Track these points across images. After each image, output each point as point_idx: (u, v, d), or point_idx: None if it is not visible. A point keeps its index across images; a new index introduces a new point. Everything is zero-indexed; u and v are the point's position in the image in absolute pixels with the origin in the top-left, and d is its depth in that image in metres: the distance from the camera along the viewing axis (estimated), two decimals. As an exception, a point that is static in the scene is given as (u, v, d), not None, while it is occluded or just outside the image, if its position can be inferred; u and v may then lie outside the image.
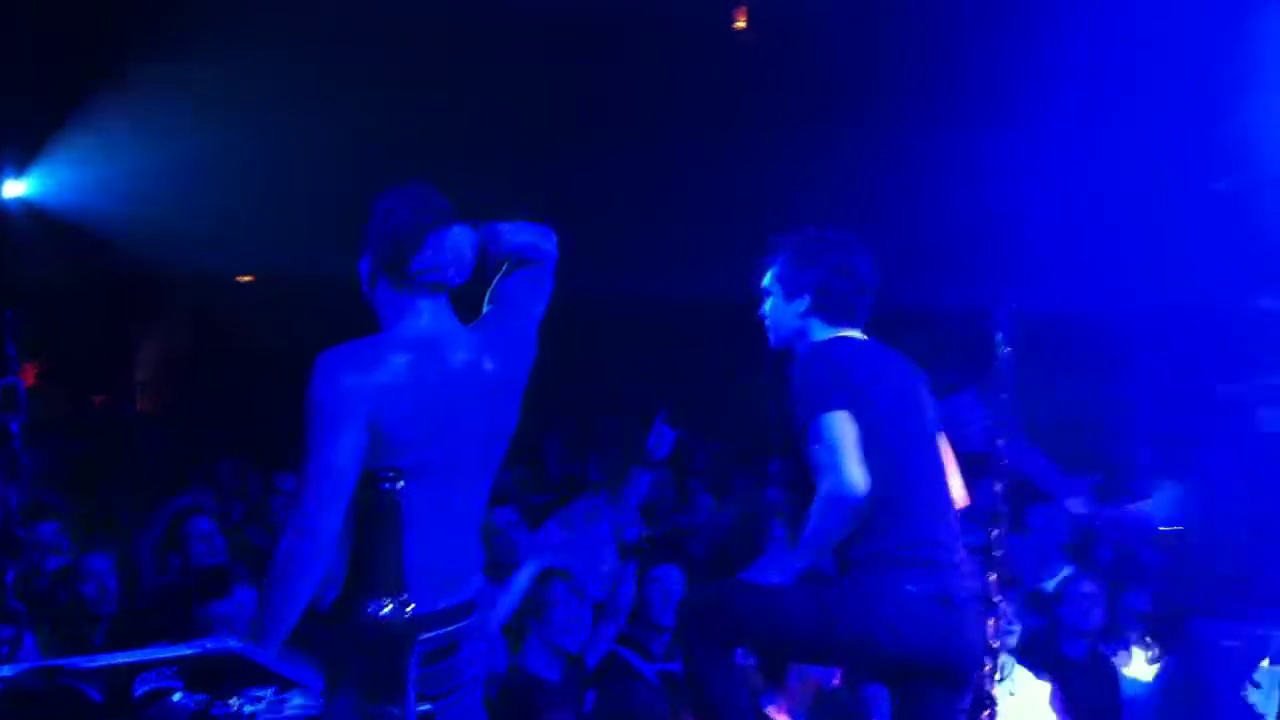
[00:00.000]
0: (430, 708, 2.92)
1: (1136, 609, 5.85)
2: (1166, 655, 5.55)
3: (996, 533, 4.69)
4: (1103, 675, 5.64)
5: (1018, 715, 5.11)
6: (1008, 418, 4.74)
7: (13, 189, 9.36)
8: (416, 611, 2.77)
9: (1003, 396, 4.72)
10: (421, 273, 3.09)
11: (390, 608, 2.67)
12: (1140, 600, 5.87)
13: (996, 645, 4.62)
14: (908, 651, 3.62)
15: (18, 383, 4.14)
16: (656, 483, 6.82)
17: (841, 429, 3.57)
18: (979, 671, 3.82)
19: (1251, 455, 4.99)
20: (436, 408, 3.01)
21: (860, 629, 3.61)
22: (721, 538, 6.93)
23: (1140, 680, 5.72)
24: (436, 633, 2.97)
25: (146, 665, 2.89)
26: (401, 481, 2.78)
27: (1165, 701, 5.28)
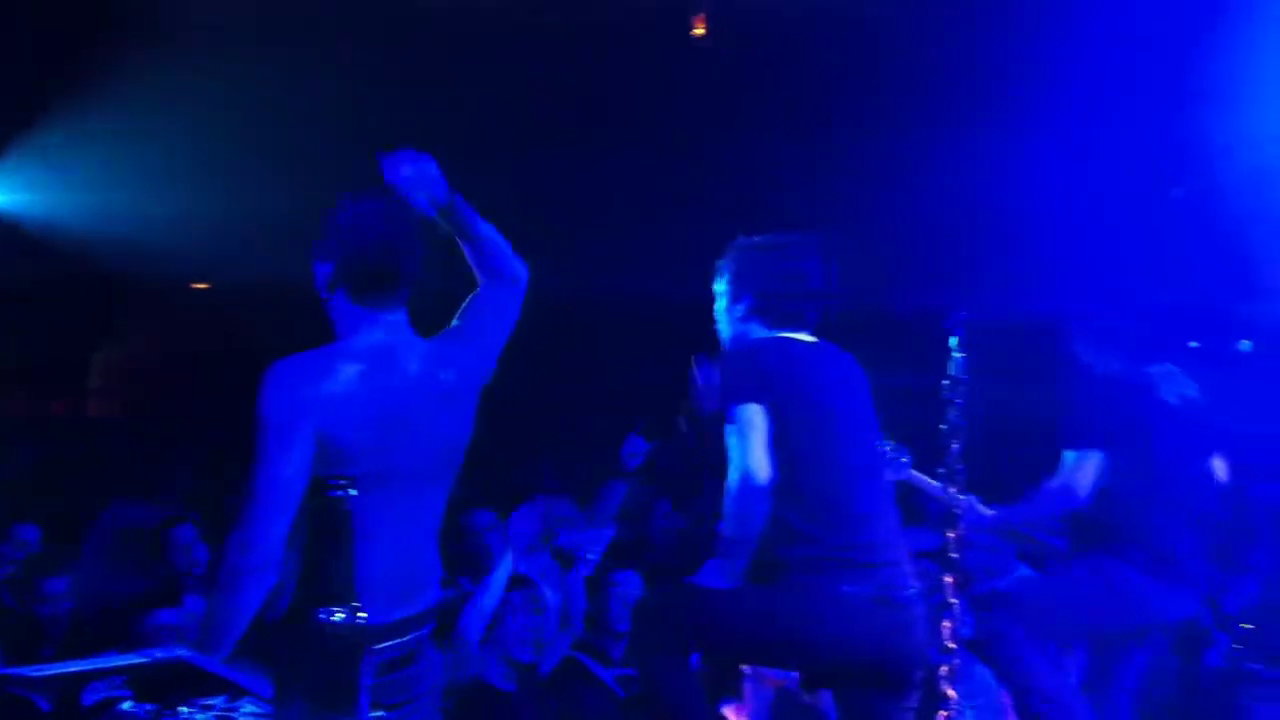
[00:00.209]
0: (385, 716, 2.92)
1: None
2: None
3: (952, 535, 4.72)
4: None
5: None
6: (963, 422, 4.77)
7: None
8: (373, 622, 2.76)
9: (958, 402, 4.75)
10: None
11: (341, 615, 2.66)
12: None
13: (953, 647, 4.64)
14: (847, 652, 3.64)
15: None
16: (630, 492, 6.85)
17: (748, 420, 3.61)
18: (923, 672, 3.83)
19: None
20: (389, 418, 3.00)
21: (800, 631, 3.64)
22: (676, 542, 6.95)
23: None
24: (393, 643, 2.97)
25: (95, 674, 2.87)
26: (353, 489, 2.77)
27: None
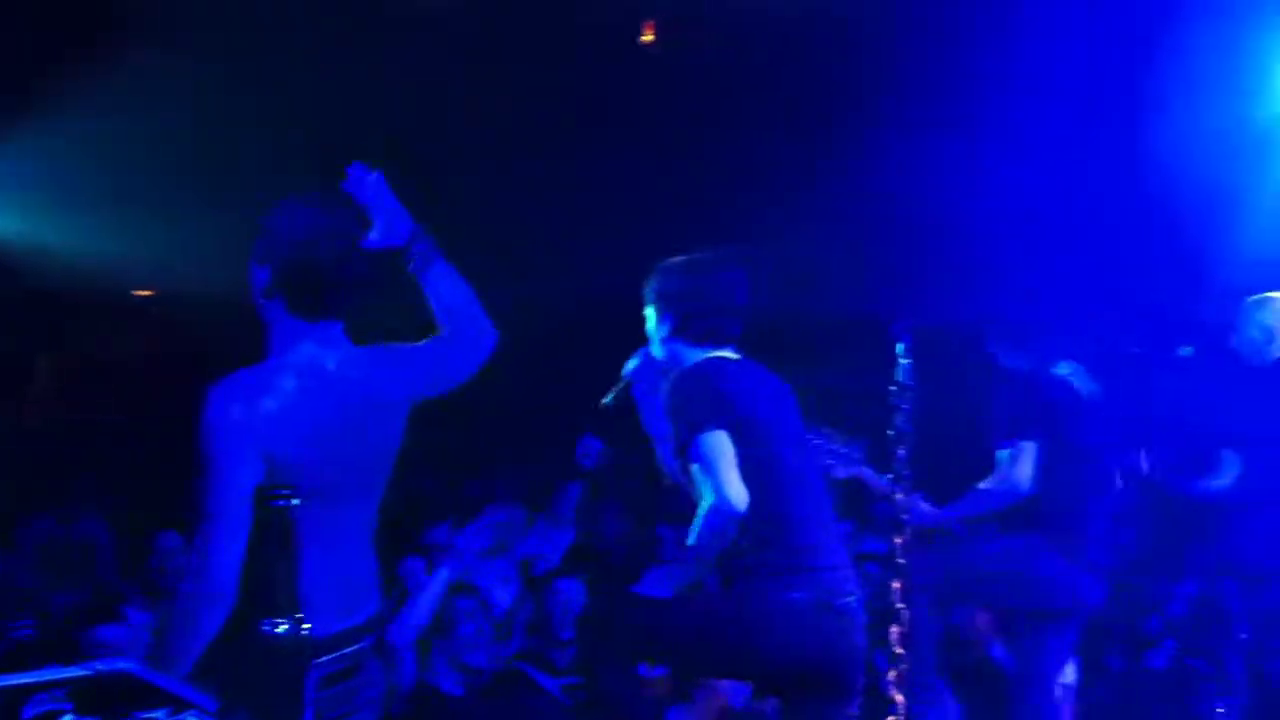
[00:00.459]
0: (327, 727, 2.90)
1: None
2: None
3: (900, 540, 4.77)
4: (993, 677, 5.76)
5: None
6: (909, 428, 4.82)
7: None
8: (315, 634, 2.74)
9: (904, 407, 4.80)
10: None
11: (285, 627, 2.64)
12: None
13: (901, 652, 4.68)
14: (791, 658, 3.68)
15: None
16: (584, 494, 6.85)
17: (719, 447, 3.66)
18: (864, 677, 3.87)
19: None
20: (326, 432, 2.98)
21: (744, 638, 3.67)
22: (625, 545, 6.97)
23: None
24: (334, 656, 2.94)
25: (36, 687, 2.83)
26: (295, 499, 2.75)
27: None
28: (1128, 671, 6.56)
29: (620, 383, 4.16)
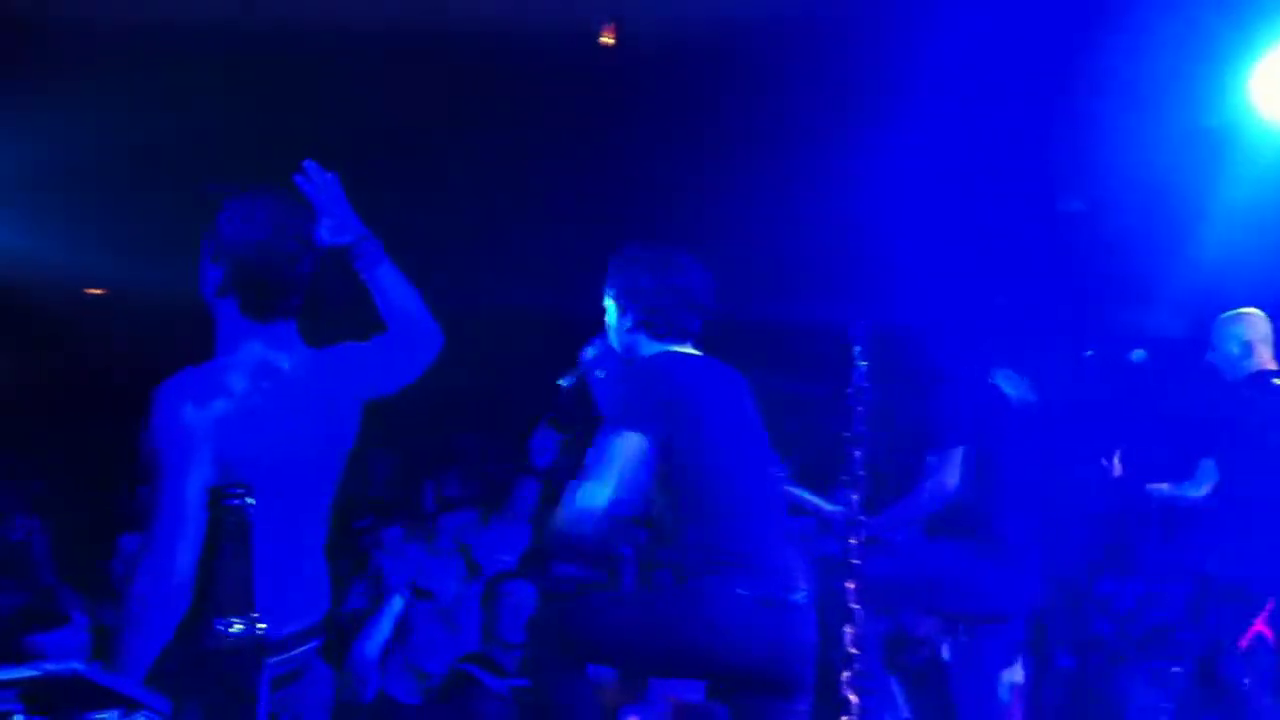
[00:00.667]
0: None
1: None
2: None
3: (854, 541, 4.78)
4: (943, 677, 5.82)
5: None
6: (864, 430, 4.84)
7: None
8: (267, 636, 2.72)
9: (859, 409, 4.82)
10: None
11: (240, 626, 2.62)
12: None
13: (855, 651, 4.70)
14: (740, 655, 3.69)
15: None
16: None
17: (626, 450, 3.65)
18: (814, 674, 3.88)
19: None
20: (280, 431, 2.97)
21: (691, 635, 3.67)
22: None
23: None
24: (281, 658, 2.92)
25: (-15, 688, 2.79)
26: (250, 498, 2.73)
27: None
28: (1078, 670, 6.63)
29: (577, 368, 4.17)
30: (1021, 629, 5.39)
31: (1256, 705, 5.51)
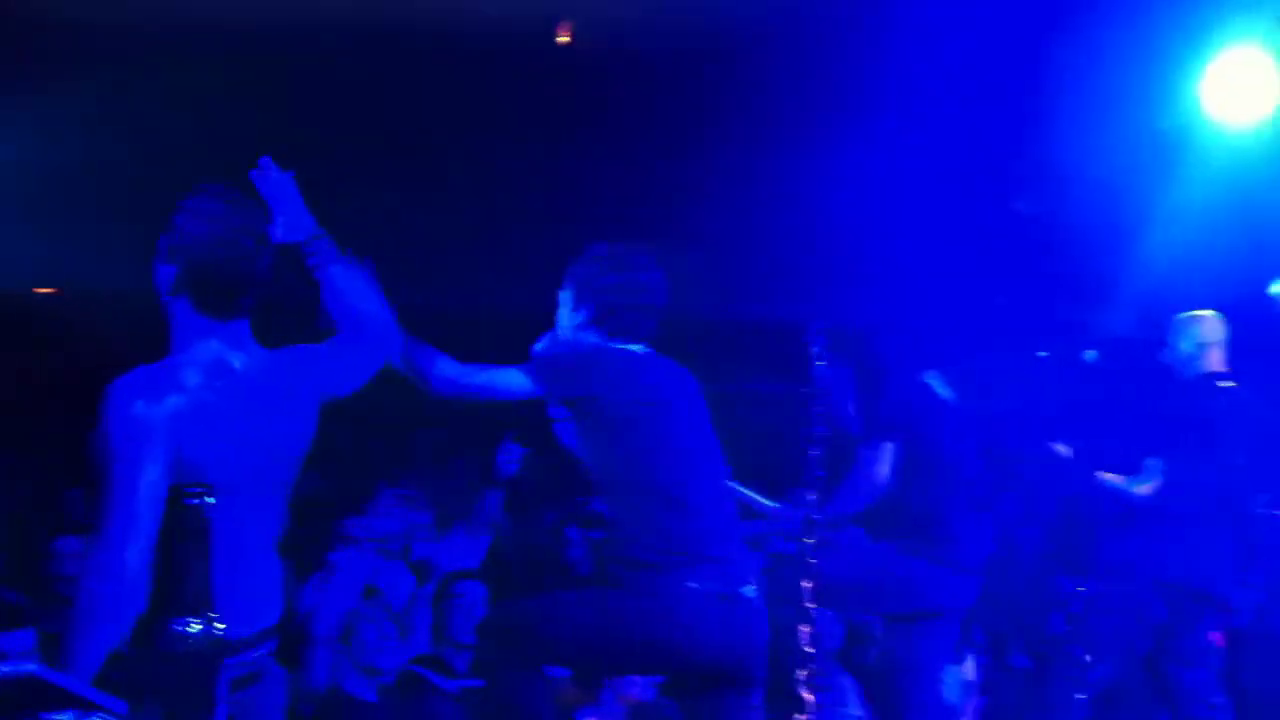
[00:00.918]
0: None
1: None
2: None
3: (811, 540, 4.79)
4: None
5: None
6: (823, 429, 4.86)
7: None
8: (224, 637, 2.70)
9: (817, 410, 4.83)
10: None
11: (199, 626, 2.59)
12: None
13: (812, 650, 4.71)
14: (692, 649, 3.69)
15: None
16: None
17: None
18: (764, 669, 3.89)
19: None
20: (235, 431, 2.94)
21: (644, 630, 3.68)
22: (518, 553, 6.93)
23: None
24: (238, 659, 2.90)
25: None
26: (210, 497, 2.70)
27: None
28: (1031, 669, 6.67)
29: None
30: (957, 626, 5.40)
31: (1207, 707, 5.55)
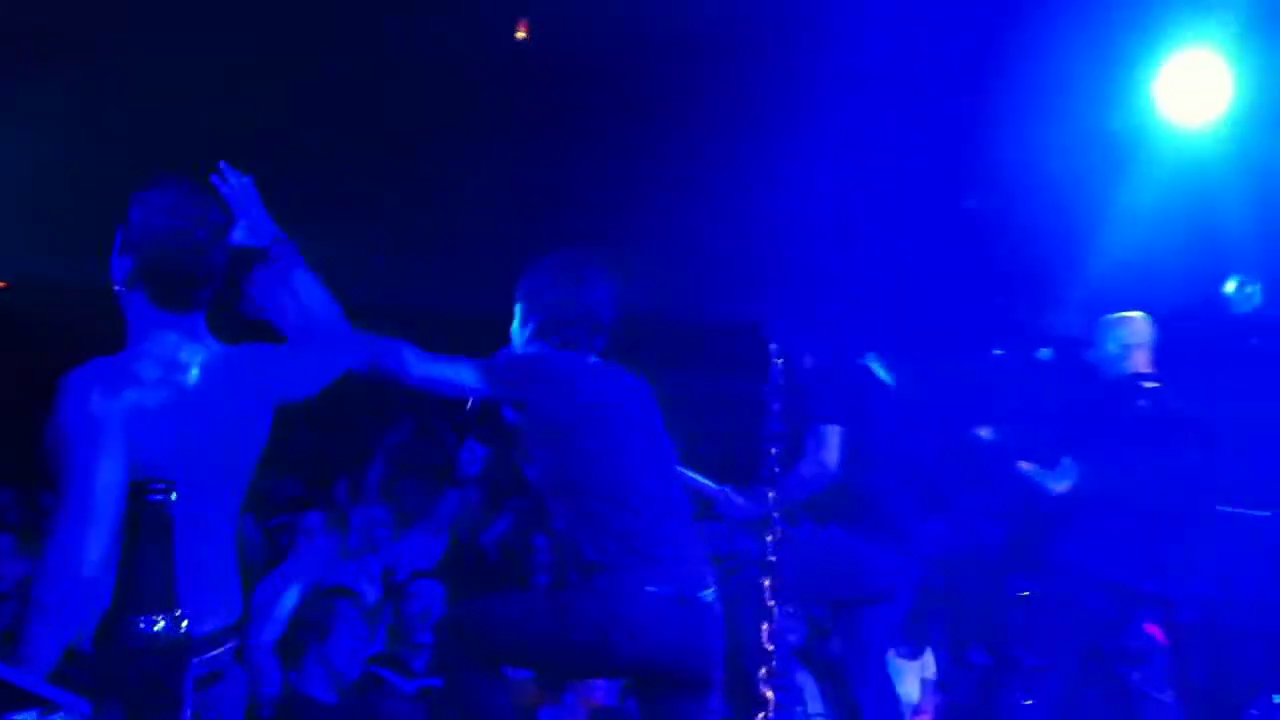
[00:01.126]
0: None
1: None
2: None
3: (771, 539, 4.81)
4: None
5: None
6: (781, 428, 4.88)
7: None
8: (188, 634, 2.67)
9: (775, 407, 4.86)
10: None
11: (163, 624, 2.56)
12: None
13: (772, 648, 4.72)
14: (649, 652, 3.70)
15: None
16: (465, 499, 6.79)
17: None
18: (720, 671, 3.90)
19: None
20: (191, 425, 2.91)
21: (599, 633, 3.67)
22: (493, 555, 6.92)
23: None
24: (203, 658, 2.86)
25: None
26: (173, 493, 2.67)
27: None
28: (990, 666, 6.71)
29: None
30: (902, 611, 5.42)
31: (1156, 703, 5.60)
